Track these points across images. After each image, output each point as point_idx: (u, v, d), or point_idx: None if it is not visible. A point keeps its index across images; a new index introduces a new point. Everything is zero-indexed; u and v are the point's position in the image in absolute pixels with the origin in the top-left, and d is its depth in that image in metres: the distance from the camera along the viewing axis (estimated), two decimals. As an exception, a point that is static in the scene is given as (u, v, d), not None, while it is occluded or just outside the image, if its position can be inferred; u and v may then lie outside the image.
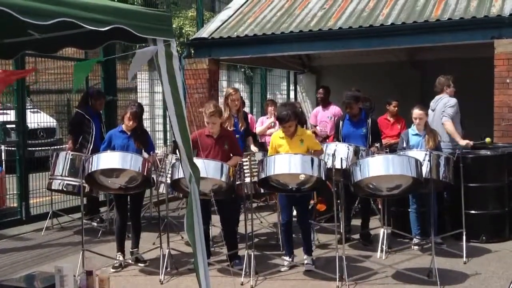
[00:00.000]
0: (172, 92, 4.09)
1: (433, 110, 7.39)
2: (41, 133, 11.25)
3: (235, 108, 7.02)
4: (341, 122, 7.15)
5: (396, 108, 9.18)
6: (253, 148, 7.29)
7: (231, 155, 6.05)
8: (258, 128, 9.33)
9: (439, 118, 7.27)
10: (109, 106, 9.15)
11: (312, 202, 7.49)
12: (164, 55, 4.01)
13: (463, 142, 7.12)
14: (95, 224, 8.04)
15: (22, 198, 8.10)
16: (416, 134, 6.66)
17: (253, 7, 11.06)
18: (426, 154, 5.86)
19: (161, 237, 6.04)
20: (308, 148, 5.86)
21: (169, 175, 6.09)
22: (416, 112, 6.62)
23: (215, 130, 6.00)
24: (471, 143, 7.18)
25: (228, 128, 6.64)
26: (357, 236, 7.13)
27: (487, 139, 7.59)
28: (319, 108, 9.63)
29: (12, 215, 8.12)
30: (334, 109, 9.20)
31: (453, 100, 7.28)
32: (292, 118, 5.76)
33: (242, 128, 7.07)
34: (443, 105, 7.26)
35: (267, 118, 9.81)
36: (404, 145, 6.68)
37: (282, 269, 5.92)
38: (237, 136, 6.69)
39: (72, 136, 7.98)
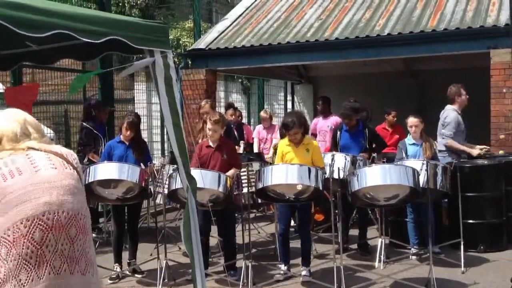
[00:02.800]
0: (169, 102, 4.11)
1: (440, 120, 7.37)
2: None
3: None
4: (338, 132, 7.16)
5: (395, 118, 9.20)
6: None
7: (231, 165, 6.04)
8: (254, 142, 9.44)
9: (439, 128, 7.24)
10: (108, 117, 9.14)
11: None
12: (162, 66, 4.03)
13: (475, 153, 7.07)
14: (93, 235, 8.01)
15: (20, 209, 8.05)
16: (413, 144, 6.67)
17: (250, 18, 11.11)
18: (423, 164, 5.86)
19: (159, 248, 6.03)
20: (312, 160, 5.83)
21: (166, 186, 6.09)
22: (411, 120, 6.64)
23: (214, 138, 6.01)
24: (482, 151, 7.16)
25: (201, 139, 6.61)
26: (355, 246, 7.11)
27: (501, 136, 7.59)
28: (320, 118, 9.66)
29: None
30: (335, 119, 9.22)
31: (450, 117, 7.16)
32: (296, 126, 5.76)
33: None
34: (442, 121, 7.20)
35: (263, 128, 9.97)
36: (403, 155, 6.66)
37: (278, 279, 5.89)
38: None
39: (89, 150, 7.68)
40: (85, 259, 2.13)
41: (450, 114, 7.20)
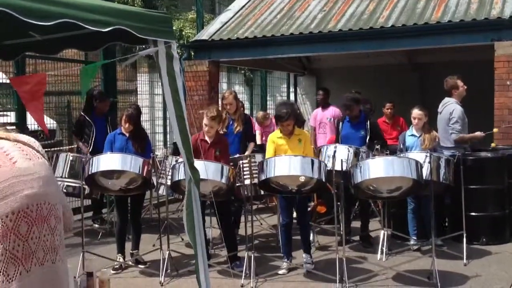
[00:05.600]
0: (172, 93, 4.11)
1: (440, 113, 7.30)
2: (41, 135, 11.25)
3: (230, 110, 6.98)
4: (340, 124, 7.15)
5: (389, 110, 9.17)
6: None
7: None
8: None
9: (443, 123, 7.12)
10: (110, 108, 9.13)
11: (312, 204, 7.49)
12: (164, 57, 4.02)
13: (479, 135, 7.12)
14: (96, 225, 8.04)
15: (22, 200, 8.08)
16: (412, 135, 6.67)
17: (253, 10, 11.07)
18: (426, 156, 5.86)
19: (161, 239, 6.04)
20: (304, 149, 5.84)
21: (169, 177, 6.10)
22: (416, 112, 6.62)
23: (211, 134, 6.02)
24: (483, 133, 7.21)
25: (222, 129, 6.63)
26: (357, 238, 7.12)
27: (495, 129, 7.61)
28: (319, 110, 9.66)
29: (12, 217, 8.09)
30: (334, 111, 9.23)
31: (457, 112, 7.04)
32: (291, 117, 5.79)
33: (237, 130, 6.94)
34: (448, 116, 7.06)
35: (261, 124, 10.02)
36: (401, 146, 6.70)
37: (280, 272, 5.90)
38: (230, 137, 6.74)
39: (77, 137, 7.99)
40: (62, 247, 2.16)
41: (456, 110, 7.06)
